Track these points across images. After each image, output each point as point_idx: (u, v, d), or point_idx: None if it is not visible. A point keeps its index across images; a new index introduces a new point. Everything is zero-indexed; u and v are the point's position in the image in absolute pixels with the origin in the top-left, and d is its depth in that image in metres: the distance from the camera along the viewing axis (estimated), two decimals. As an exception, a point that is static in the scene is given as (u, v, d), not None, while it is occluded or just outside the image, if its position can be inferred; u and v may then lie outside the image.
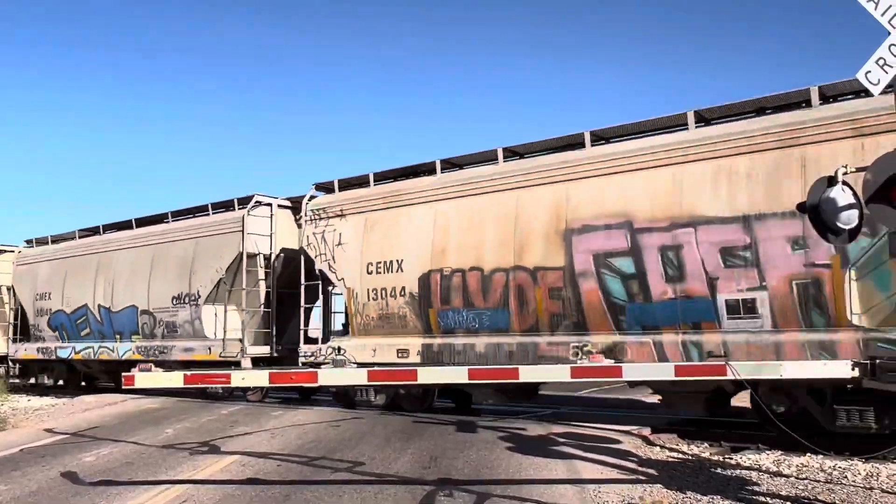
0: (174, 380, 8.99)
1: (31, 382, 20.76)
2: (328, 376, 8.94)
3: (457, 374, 8.34)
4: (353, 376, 9.05)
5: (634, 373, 7.77)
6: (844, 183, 7.76)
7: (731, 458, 8.37)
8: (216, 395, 15.48)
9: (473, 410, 12.98)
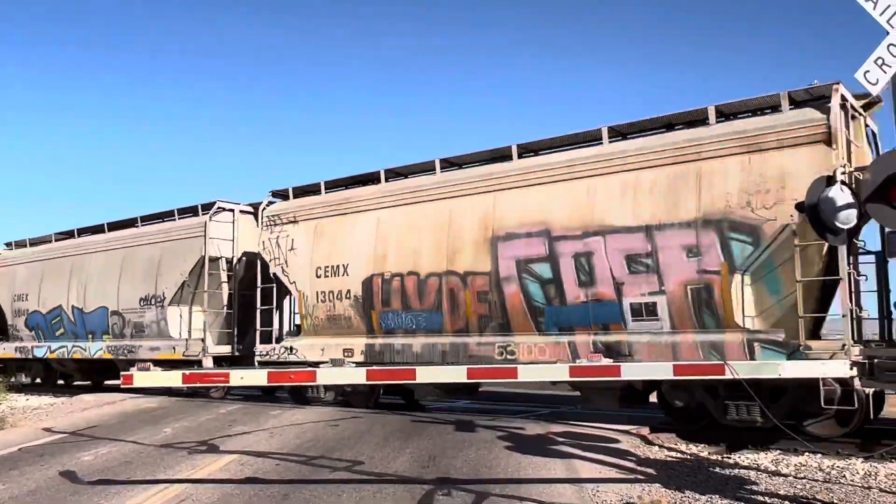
0: (173, 379, 9.14)
1: (11, 381, 21.43)
2: (327, 375, 8.99)
3: (456, 374, 8.35)
4: (352, 376, 8.91)
5: (633, 372, 7.71)
6: (843, 182, 8.08)
7: (730, 458, 8.47)
8: (181, 392, 16.17)
9: (421, 406, 13.70)
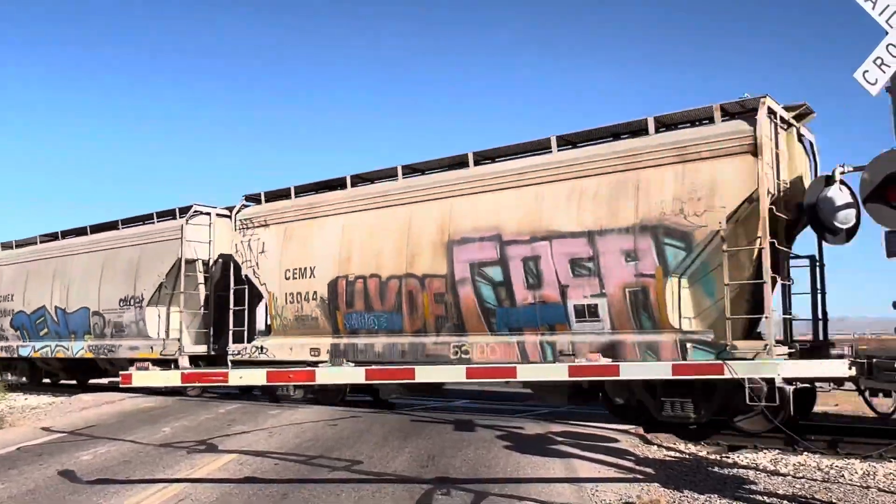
0: (172, 378, 9.54)
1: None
2: (326, 375, 9.10)
3: (455, 374, 8.29)
4: (352, 375, 8.83)
5: (631, 371, 7.73)
6: (842, 182, 8.26)
7: (729, 457, 8.56)
8: (159, 392, 16.63)
9: (390, 404, 14.16)
